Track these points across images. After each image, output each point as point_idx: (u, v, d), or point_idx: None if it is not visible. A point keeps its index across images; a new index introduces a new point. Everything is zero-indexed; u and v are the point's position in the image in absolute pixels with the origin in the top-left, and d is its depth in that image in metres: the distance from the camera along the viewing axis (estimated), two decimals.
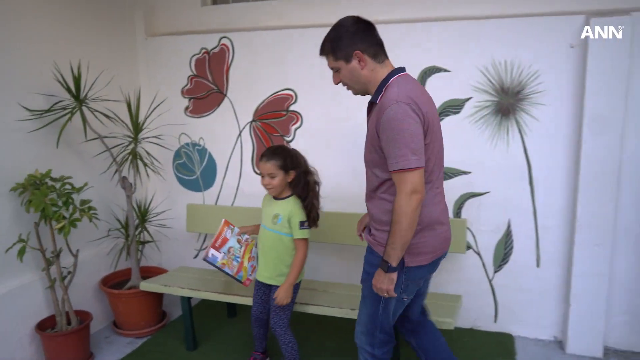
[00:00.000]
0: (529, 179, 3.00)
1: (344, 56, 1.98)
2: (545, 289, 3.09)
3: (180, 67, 3.65)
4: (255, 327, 2.83)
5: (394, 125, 1.83)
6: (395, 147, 1.83)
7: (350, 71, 2.01)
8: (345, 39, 1.96)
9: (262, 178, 2.64)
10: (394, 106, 1.83)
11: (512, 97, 2.95)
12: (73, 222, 2.77)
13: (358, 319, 2.20)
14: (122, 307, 3.27)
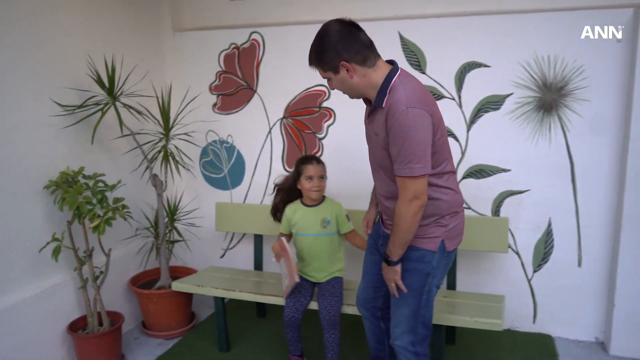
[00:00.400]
0: (571, 177, 2.94)
1: (331, 67, 1.92)
2: (586, 289, 3.02)
3: (208, 62, 3.59)
4: (290, 330, 2.75)
5: (404, 132, 1.81)
6: (402, 154, 1.83)
7: (340, 81, 1.96)
8: (329, 50, 1.89)
9: (308, 181, 2.70)
10: (404, 111, 1.80)
11: (555, 93, 2.88)
12: (108, 221, 2.70)
13: (395, 320, 2.15)
14: (152, 308, 3.21)
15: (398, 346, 2.15)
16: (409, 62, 3.12)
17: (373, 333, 2.46)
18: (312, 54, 1.97)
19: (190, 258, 3.80)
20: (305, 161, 2.74)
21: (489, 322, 2.45)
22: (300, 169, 2.74)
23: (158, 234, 3.32)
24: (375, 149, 2.04)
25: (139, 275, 3.40)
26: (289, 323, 2.72)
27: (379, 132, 1.94)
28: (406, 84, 1.89)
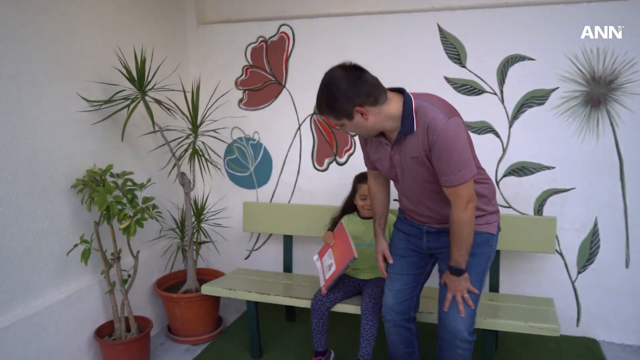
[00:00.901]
0: (619, 175, 2.82)
1: (345, 115, 1.88)
2: (634, 291, 2.91)
3: (235, 56, 3.45)
4: (316, 317, 2.63)
5: (449, 144, 1.83)
6: (452, 164, 1.85)
7: (355, 125, 1.92)
8: (340, 98, 1.85)
9: (362, 199, 2.70)
10: (445, 125, 1.82)
11: (603, 87, 2.77)
12: (139, 222, 2.56)
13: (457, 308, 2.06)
14: (179, 312, 3.07)
15: (459, 339, 2.05)
16: (448, 55, 3.00)
17: (402, 338, 2.33)
18: (321, 104, 1.92)
19: (213, 260, 3.66)
20: (361, 180, 2.68)
21: (545, 327, 2.32)
22: (356, 187, 2.73)
23: (184, 235, 3.19)
24: (414, 172, 2.02)
25: (163, 278, 3.26)
26: (316, 308, 2.62)
27: (417, 155, 1.94)
28: (429, 101, 1.91)
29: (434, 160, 1.89)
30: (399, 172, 2.07)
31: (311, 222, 3.23)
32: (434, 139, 1.83)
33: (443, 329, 2.11)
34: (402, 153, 1.99)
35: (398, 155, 2.01)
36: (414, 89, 3.05)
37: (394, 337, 2.34)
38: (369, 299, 2.54)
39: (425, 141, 1.87)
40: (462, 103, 3.00)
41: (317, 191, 3.43)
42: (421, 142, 1.89)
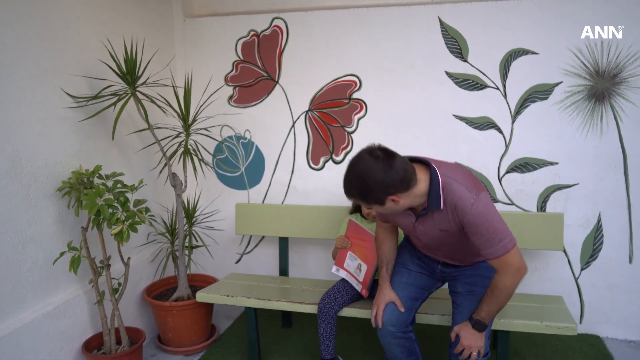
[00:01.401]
0: (623, 170, 2.80)
1: (377, 202, 1.87)
2: (637, 286, 2.89)
3: (224, 51, 3.29)
4: (323, 322, 2.50)
5: (483, 221, 1.85)
6: (490, 238, 1.86)
7: (388, 209, 1.92)
8: (374, 189, 1.82)
9: (367, 209, 2.56)
10: (474, 204, 1.84)
11: (607, 81, 2.74)
12: (133, 226, 2.38)
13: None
14: (172, 321, 2.89)
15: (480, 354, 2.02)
16: (449, 49, 2.92)
17: (404, 349, 2.22)
18: (353, 192, 1.89)
19: (203, 264, 3.48)
20: None
21: (563, 327, 2.26)
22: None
23: (174, 240, 3.02)
24: (441, 239, 2.04)
25: (152, 285, 3.07)
26: (324, 313, 2.49)
27: (446, 229, 1.97)
28: (454, 177, 1.91)
29: (471, 237, 1.91)
30: (420, 237, 2.10)
31: (307, 223, 3.10)
32: (465, 218, 1.86)
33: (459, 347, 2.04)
34: (427, 224, 2.01)
35: (422, 227, 2.03)
36: (415, 85, 3.02)
37: (394, 349, 2.22)
38: None
39: (456, 219, 1.91)
40: (464, 98, 2.94)
41: (312, 191, 3.31)
42: (452, 219, 1.92)
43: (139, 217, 2.47)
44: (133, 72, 2.49)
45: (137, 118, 2.74)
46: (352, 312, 2.53)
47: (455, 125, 2.97)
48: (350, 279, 2.53)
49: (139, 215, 2.47)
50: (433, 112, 3.00)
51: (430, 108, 3.00)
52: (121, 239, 2.37)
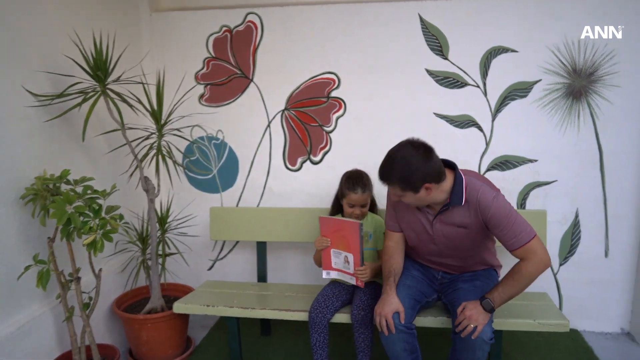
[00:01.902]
0: (599, 166, 2.85)
1: (413, 189, 2.00)
2: (612, 280, 2.96)
3: (194, 48, 3.12)
4: (316, 332, 2.40)
5: (505, 214, 2.01)
6: (512, 229, 2.00)
7: (417, 198, 2.05)
8: (415, 174, 1.97)
9: (350, 207, 2.48)
10: (495, 199, 2.02)
11: (584, 79, 2.78)
12: (107, 235, 2.19)
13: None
14: (146, 335, 2.70)
15: (482, 340, 1.99)
16: (429, 47, 2.89)
17: (406, 345, 2.15)
18: (391, 176, 2.01)
19: (175, 273, 3.29)
20: (351, 188, 2.45)
21: (555, 324, 2.27)
22: (344, 192, 2.48)
23: (146, 247, 2.83)
24: (455, 238, 2.15)
25: (121, 297, 2.87)
26: (317, 321, 2.38)
27: (465, 224, 2.10)
28: (475, 178, 2.10)
29: (494, 230, 2.05)
30: (435, 237, 2.19)
31: (285, 226, 2.99)
32: (489, 212, 2.01)
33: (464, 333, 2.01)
34: (444, 222, 2.13)
35: (439, 224, 2.15)
36: (395, 82, 2.97)
37: (397, 346, 2.15)
38: (358, 310, 2.36)
39: (478, 214, 2.05)
40: (445, 96, 2.92)
41: (289, 193, 3.19)
42: (472, 215, 2.07)
43: (112, 225, 2.28)
44: (104, 69, 2.30)
45: (105, 118, 2.54)
46: (343, 317, 2.44)
47: (436, 124, 2.94)
48: (343, 276, 2.44)
49: (111, 223, 2.28)
50: (414, 111, 2.96)
51: (411, 106, 2.96)
52: (94, 249, 2.17)
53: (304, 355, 2.79)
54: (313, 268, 3.27)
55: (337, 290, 2.52)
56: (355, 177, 2.46)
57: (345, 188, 2.46)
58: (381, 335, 2.15)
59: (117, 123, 2.44)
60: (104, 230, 2.20)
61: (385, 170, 2.02)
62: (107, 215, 2.27)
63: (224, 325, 3.20)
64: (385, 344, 2.17)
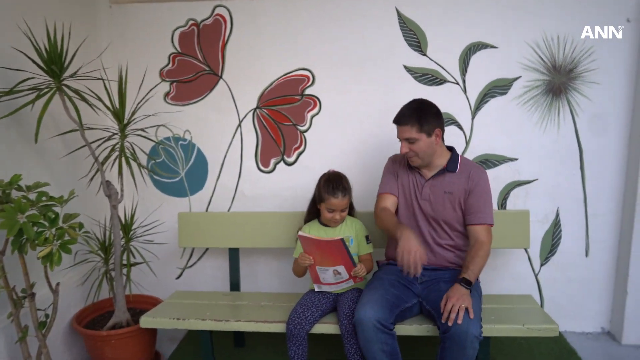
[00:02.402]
0: (580, 164, 2.81)
1: (428, 130, 2.18)
2: (593, 279, 2.93)
3: (158, 42, 2.93)
4: (294, 344, 2.23)
5: (487, 189, 2.26)
6: (486, 204, 2.23)
7: (428, 144, 2.21)
8: (430, 115, 2.20)
9: (329, 212, 2.34)
10: (485, 173, 2.28)
11: (564, 76, 2.74)
12: (65, 246, 1.98)
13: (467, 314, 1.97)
14: (110, 353, 2.48)
15: (471, 337, 1.92)
16: (407, 42, 2.79)
17: (386, 346, 2.05)
18: (412, 114, 2.18)
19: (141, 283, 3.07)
20: (330, 192, 2.29)
21: (544, 328, 2.18)
22: (323, 197, 2.32)
23: (109, 257, 2.62)
24: (439, 205, 2.28)
25: (81, 312, 2.65)
26: (295, 334, 2.22)
27: (453, 191, 2.26)
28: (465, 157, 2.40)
29: (472, 198, 2.23)
30: (421, 201, 2.31)
31: (258, 231, 2.84)
32: (477, 182, 2.23)
33: (454, 331, 1.93)
34: (435, 186, 2.29)
35: (429, 189, 2.29)
36: (372, 79, 2.85)
37: (375, 347, 2.03)
38: (347, 319, 2.21)
39: (467, 182, 2.24)
40: (423, 93, 2.80)
41: (262, 196, 3.03)
42: (463, 182, 2.25)
43: (70, 235, 2.07)
44: (59, 63, 2.08)
45: (61, 117, 2.32)
46: (323, 328, 2.30)
47: None
48: (337, 287, 2.31)
49: (70, 233, 2.07)
50: (392, 109, 2.77)
51: (389, 104, 2.80)
52: (50, 262, 1.96)
53: None
54: (289, 275, 3.11)
55: (317, 300, 2.38)
56: (335, 180, 2.31)
57: (324, 192, 2.31)
58: (360, 334, 2.04)
59: (75, 123, 2.22)
60: (61, 241, 1.99)
61: (404, 112, 2.21)
62: (64, 224, 2.07)
63: (194, 337, 3.01)
64: (363, 345, 2.06)
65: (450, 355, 1.97)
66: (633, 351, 2.78)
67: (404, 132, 2.19)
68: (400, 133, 2.22)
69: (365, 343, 2.03)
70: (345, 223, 2.43)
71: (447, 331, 1.96)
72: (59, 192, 2.22)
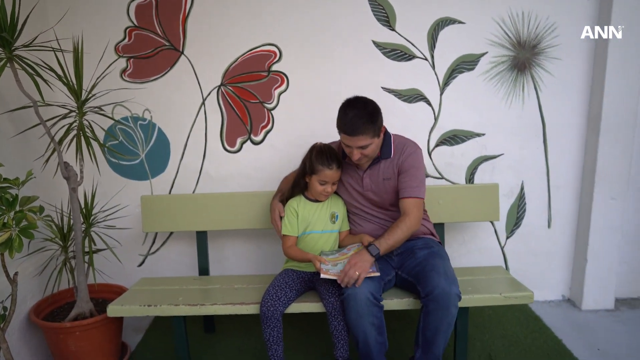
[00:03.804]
0: (543, 138, 2.89)
1: (378, 133, 2.15)
2: (554, 249, 3.04)
3: (113, 15, 2.74)
4: (269, 327, 2.16)
5: (417, 164, 2.23)
6: (417, 179, 2.21)
7: (378, 144, 2.20)
8: (379, 116, 2.15)
9: (321, 185, 2.27)
10: (418, 148, 2.27)
11: (528, 52, 2.79)
12: (26, 231, 1.82)
13: (445, 274, 2.04)
14: (74, 345, 2.33)
15: (452, 295, 1.98)
16: (376, 18, 2.75)
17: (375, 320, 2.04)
18: (365, 120, 2.08)
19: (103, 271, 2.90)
20: (325, 164, 2.22)
21: (521, 296, 2.24)
22: (315, 168, 2.24)
23: (68, 245, 2.44)
24: (385, 192, 2.29)
25: (39, 304, 2.47)
26: (269, 316, 2.15)
27: (390, 177, 2.26)
28: (401, 136, 2.34)
29: (402, 174, 2.22)
30: (364, 192, 2.31)
31: (226, 213, 2.74)
32: (408, 156, 2.22)
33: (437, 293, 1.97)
34: (373, 175, 2.28)
35: (369, 178, 2.29)
36: (341, 54, 2.80)
37: (365, 321, 2.01)
38: (332, 297, 2.15)
39: (400, 160, 2.23)
40: (392, 69, 2.81)
41: (229, 177, 2.93)
42: (395, 163, 2.24)
43: (29, 220, 1.91)
44: (10, 29, 1.89)
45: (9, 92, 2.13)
46: (300, 307, 2.25)
47: (384, 98, 2.81)
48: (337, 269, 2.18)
49: (28, 218, 1.91)
50: (360, 85, 2.80)
51: (358, 80, 2.81)
52: (10, 249, 1.80)
53: (257, 352, 2.58)
54: (259, 257, 3.05)
55: (291, 280, 2.31)
56: (329, 150, 2.24)
57: (317, 163, 2.22)
58: (349, 312, 2.01)
59: (30, 98, 2.04)
60: (21, 226, 1.83)
61: (355, 121, 2.07)
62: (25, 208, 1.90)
63: (161, 326, 2.89)
64: (352, 320, 2.02)
65: (435, 317, 1.99)
66: (592, 316, 2.92)
67: (359, 141, 2.10)
68: (353, 142, 2.11)
69: (357, 317, 2.00)
70: (331, 199, 2.38)
71: (429, 294, 1.99)
72: (12, 174, 2.04)
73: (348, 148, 2.16)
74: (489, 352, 2.53)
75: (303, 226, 2.32)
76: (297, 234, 2.33)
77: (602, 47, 2.71)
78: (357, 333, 2.04)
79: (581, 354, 2.49)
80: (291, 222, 2.32)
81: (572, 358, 2.44)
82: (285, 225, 2.33)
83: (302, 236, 2.33)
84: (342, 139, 2.16)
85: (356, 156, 2.14)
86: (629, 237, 3.01)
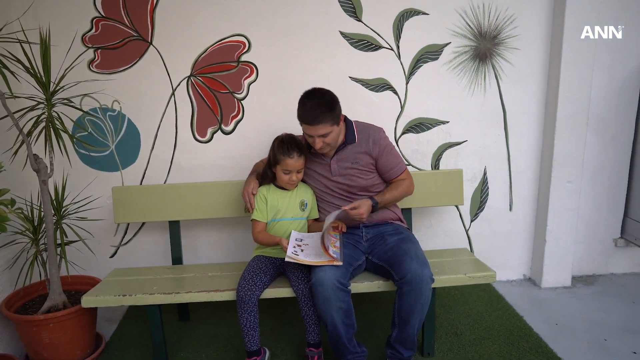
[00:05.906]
0: (504, 125, 3.02)
1: (337, 120, 2.24)
2: (516, 231, 3.19)
3: (79, 5, 2.71)
4: (245, 312, 2.19)
5: (389, 144, 2.39)
6: (395, 156, 2.40)
7: (338, 132, 2.29)
8: (337, 105, 2.24)
9: (285, 174, 2.33)
10: (382, 132, 2.39)
11: (489, 42, 2.90)
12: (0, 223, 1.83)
13: (417, 257, 2.14)
14: (48, 337, 2.33)
15: (424, 278, 2.08)
16: (343, 9, 2.81)
17: (343, 304, 2.10)
18: (324, 110, 2.17)
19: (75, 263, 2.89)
20: (286, 153, 2.28)
21: (484, 276, 2.36)
22: (278, 158, 2.30)
23: (39, 237, 2.44)
24: (355, 177, 2.36)
25: (10, 298, 2.46)
26: (245, 301, 2.19)
27: (360, 159, 2.35)
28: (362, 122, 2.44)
29: (381, 160, 2.35)
30: (334, 178, 2.38)
31: (197, 203, 2.77)
32: (378, 144, 2.34)
33: (410, 277, 2.06)
34: (340, 161, 2.36)
35: (336, 165, 2.37)
36: (309, 46, 2.87)
37: (333, 305, 2.07)
38: (301, 283, 2.22)
39: (370, 147, 2.33)
40: (359, 59, 2.88)
41: (200, 167, 2.96)
42: (365, 150, 2.34)
43: (4, 212, 1.91)
44: None
45: None
46: (275, 292, 2.30)
47: (352, 88, 2.89)
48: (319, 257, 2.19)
49: (8, 211, 1.91)
50: (329, 75, 2.87)
51: (326, 70, 2.87)
52: None
53: (232, 339, 2.64)
54: (231, 245, 3.10)
55: (264, 265, 2.37)
56: (289, 140, 2.30)
57: (279, 153, 2.29)
58: (316, 298, 2.08)
59: None
60: None
61: (314, 111, 2.16)
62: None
63: (135, 316, 2.91)
64: (320, 304, 2.09)
65: (409, 300, 2.08)
66: (551, 293, 3.08)
67: (319, 130, 2.18)
68: (314, 131, 2.19)
69: (324, 302, 2.07)
70: (301, 187, 2.44)
71: (402, 277, 2.08)
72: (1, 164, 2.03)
73: (310, 138, 2.24)
74: (455, 330, 2.65)
75: (272, 213, 2.38)
76: (266, 220, 2.39)
77: (557, 37, 2.84)
78: (326, 317, 2.12)
79: (540, 328, 2.64)
80: (260, 208, 2.38)
81: (532, 333, 2.59)
82: (255, 210, 2.38)
83: (272, 223, 2.39)
84: (304, 129, 2.24)
85: (318, 144, 2.23)
86: (584, 218, 3.18)
